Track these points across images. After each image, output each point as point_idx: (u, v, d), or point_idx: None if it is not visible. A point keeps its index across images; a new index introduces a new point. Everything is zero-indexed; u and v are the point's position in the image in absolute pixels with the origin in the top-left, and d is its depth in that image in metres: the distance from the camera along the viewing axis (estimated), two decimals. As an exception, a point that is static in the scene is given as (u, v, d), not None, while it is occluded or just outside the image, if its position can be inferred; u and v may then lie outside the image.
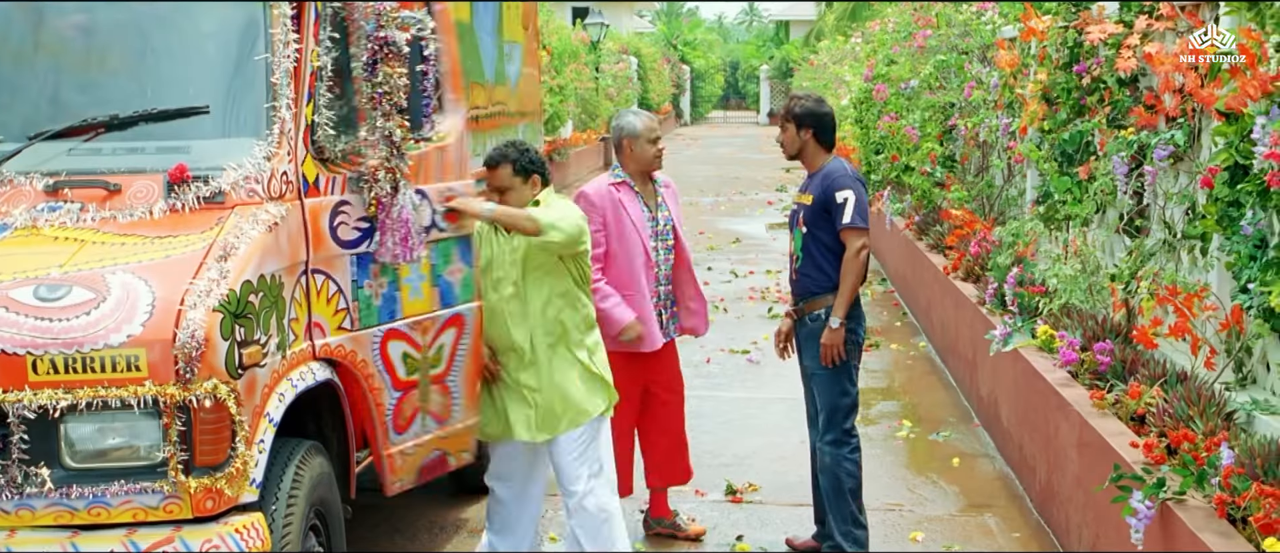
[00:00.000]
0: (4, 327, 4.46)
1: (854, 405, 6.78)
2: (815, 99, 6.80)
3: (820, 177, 6.65)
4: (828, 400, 6.71)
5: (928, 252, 12.31)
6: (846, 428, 6.72)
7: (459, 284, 6.14)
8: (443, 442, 6.14)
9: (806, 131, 6.69)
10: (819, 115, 6.72)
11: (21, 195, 5.02)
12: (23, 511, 4.56)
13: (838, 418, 6.70)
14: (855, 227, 6.51)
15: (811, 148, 6.71)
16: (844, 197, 6.51)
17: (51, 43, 5.60)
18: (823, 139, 6.73)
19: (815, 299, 6.67)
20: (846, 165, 6.74)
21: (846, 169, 6.70)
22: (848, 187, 6.54)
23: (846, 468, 6.68)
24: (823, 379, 6.71)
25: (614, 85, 34.65)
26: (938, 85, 12.62)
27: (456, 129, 6.24)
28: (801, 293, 6.78)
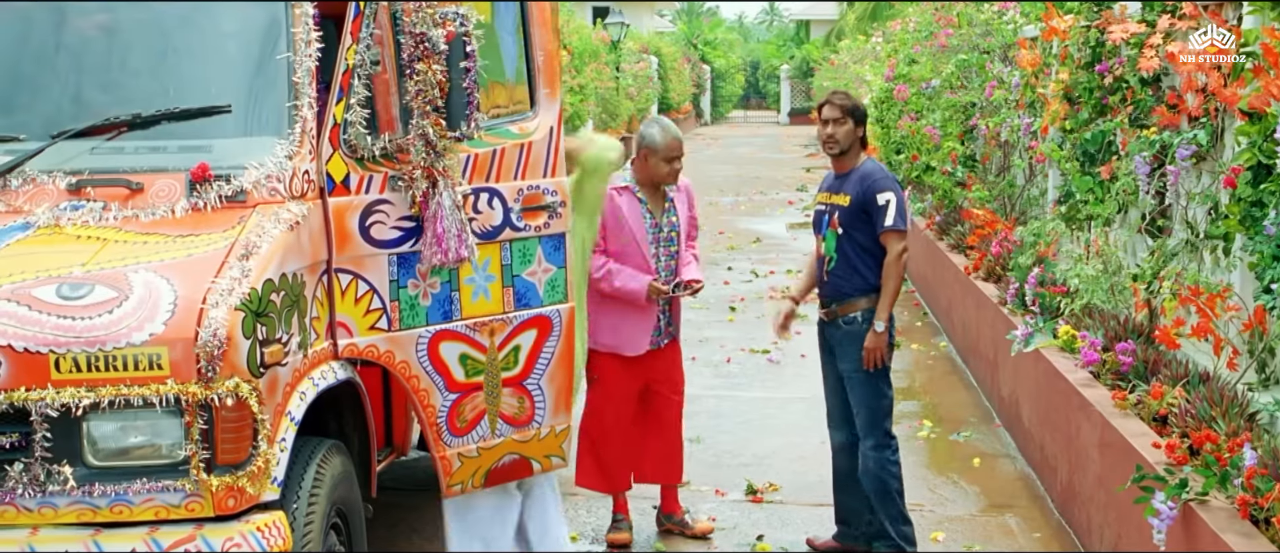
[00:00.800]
0: (27, 325, 4.48)
1: (891, 407, 6.79)
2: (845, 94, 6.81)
3: (858, 177, 6.62)
4: (867, 404, 6.70)
5: (949, 252, 12.29)
6: (887, 429, 6.72)
7: (543, 285, 6.06)
8: (521, 447, 6.10)
9: (861, 129, 6.70)
10: (864, 111, 6.77)
11: (44, 194, 5.04)
12: (45, 509, 4.57)
13: (878, 420, 6.70)
14: (897, 229, 6.51)
15: (857, 147, 6.71)
16: (886, 199, 6.49)
17: (74, 42, 5.61)
18: (864, 139, 6.76)
19: (851, 302, 6.66)
20: (883, 166, 6.75)
21: (885, 170, 6.71)
22: (889, 189, 6.54)
23: (891, 470, 6.70)
24: (860, 383, 6.69)
25: (634, 85, 34.64)
26: (959, 85, 12.60)
27: (545, 126, 6.16)
28: (835, 295, 6.75)
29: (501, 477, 6.14)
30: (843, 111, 6.65)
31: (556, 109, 6.25)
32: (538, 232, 6.03)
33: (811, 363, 11.29)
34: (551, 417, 6.18)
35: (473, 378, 5.85)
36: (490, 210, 5.84)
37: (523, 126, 6.08)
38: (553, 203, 6.08)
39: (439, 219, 5.40)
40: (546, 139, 6.14)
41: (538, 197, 6.03)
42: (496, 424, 5.97)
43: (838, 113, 6.67)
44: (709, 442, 8.81)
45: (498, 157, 5.88)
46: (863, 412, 6.72)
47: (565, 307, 6.15)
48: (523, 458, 6.15)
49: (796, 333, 12.35)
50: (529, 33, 6.24)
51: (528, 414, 6.09)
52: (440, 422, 5.77)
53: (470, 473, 5.95)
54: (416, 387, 5.66)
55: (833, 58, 37.41)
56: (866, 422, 6.70)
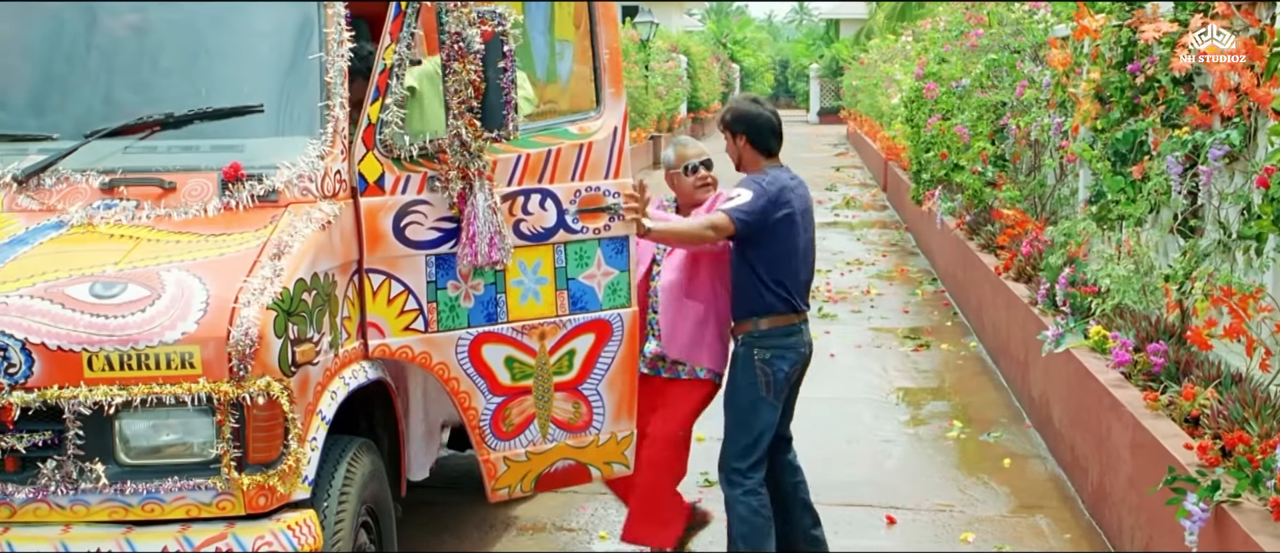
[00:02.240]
0: (60, 323, 4.50)
1: (758, 446, 6.24)
2: (750, 100, 6.40)
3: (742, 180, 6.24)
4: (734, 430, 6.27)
5: (979, 251, 12.26)
6: (742, 468, 6.23)
7: (603, 288, 6.00)
8: (577, 452, 6.06)
9: (741, 138, 6.25)
10: (747, 119, 6.27)
11: (78, 193, 5.06)
12: (78, 506, 4.59)
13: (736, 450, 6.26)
14: (728, 213, 5.98)
15: (750, 156, 6.27)
16: (736, 191, 6.07)
17: (107, 42, 5.64)
18: (758, 145, 6.27)
19: (739, 323, 6.25)
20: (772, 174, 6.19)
21: (761, 177, 6.16)
22: (747, 187, 6.08)
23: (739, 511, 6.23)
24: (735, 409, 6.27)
25: (663, 84, 34.62)
26: (989, 84, 12.55)
27: (609, 127, 6.10)
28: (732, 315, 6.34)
29: (555, 482, 6.12)
30: (722, 129, 6.34)
31: (621, 109, 6.19)
32: (597, 234, 5.96)
33: (841, 363, 11.34)
34: (612, 423, 6.12)
35: (520, 381, 5.82)
36: (542, 212, 5.79)
37: (583, 126, 6.03)
38: (615, 205, 5.98)
39: (473, 221, 5.37)
40: (609, 140, 6.06)
41: (597, 198, 5.95)
42: (548, 429, 5.94)
43: (722, 128, 6.35)
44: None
45: (552, 157, 5.84)
46: (725, 440, 6.30)
47: (628, 311, 6.07)
48: (579, 464, 6.11)
49: (826, 333, 12.43)
50: (595, 31, 6.20)
51: (584, 420, 6.04)
52: (484, 425, 5.75)
53: (518, 477, 5.93)
54: (456, 389, 5.65)
55: (862, 57, 37.30)
56: (722, 453, 6.30)
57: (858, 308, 13.94)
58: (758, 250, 6.09)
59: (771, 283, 6.12)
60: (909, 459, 8.70)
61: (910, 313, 13.79)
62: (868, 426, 9.48)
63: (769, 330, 6.16)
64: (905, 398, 10.28)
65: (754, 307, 6.16)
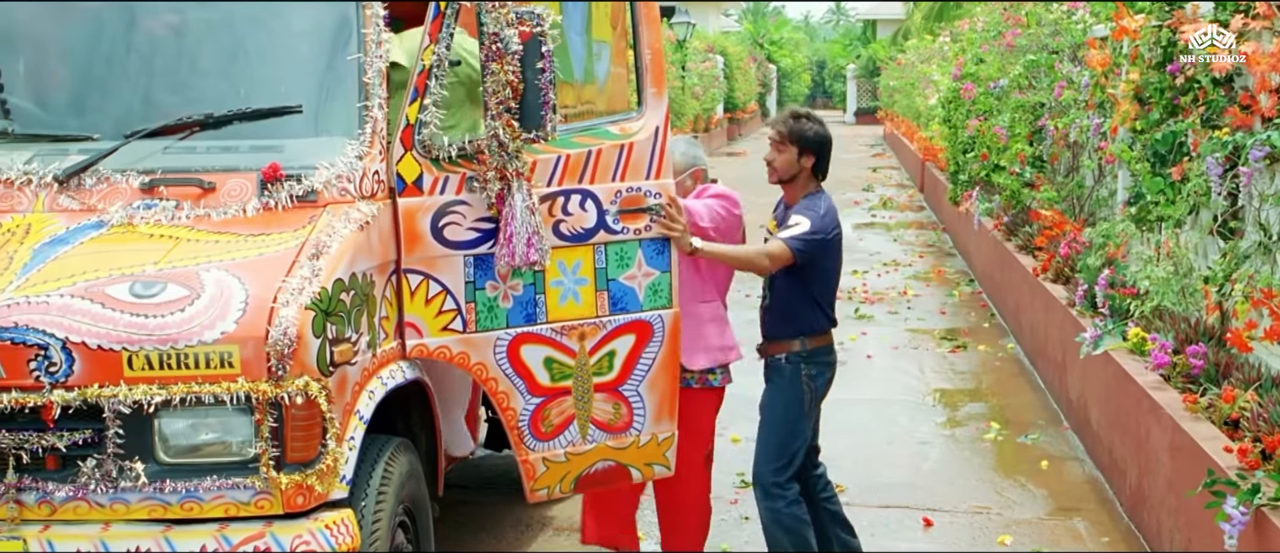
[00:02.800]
0: (100, 323, 4.52)
1: (796, 458, 6.24)
2: (821, 122, 6.29)
3: (795, 209, 6.17)
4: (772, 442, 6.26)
5: (1016, 253, 12.22)
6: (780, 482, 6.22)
7: (644, 289, 5.96)
8: (617, 453, 6.03)
9: (809, 158, 6.20)
10: (824, 143, 6.25)
11: (118, 193, 5.08)
12: (117, 505, 4.61)
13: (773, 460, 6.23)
14: (784, 240, 5.99)
15: (804, 178, 6.24)
16: (797, 220, 6.04)
17: (146, 43, 5.66)
18: (818, 169, 6.25)
19: (781, 343, 6.22)
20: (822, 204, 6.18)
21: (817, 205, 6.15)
22: (807, 216, 6.05)
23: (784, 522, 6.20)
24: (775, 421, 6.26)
25: (700, 84, 34.64)
26: (1027, 85, 12.51)
27: (650, 127, 6.05)
28: (767, 334, 6.31)
29: (595, 483, 6.09)
30: (781, 137, 6.20)
31: (664, 109, 6.16)
32: (638, 234, 5.94)
33: (878, 364, 11.32)
34: (652, 424, 6.08)
35: (559, 382, 5.81)
36: (582, 212, 5.78)
37: (624, 127, 6.00)
38: (656, 206, 5.94)
39: (510, 221, 5.37)
40: (651, 140, 6.02)
41: (638, 199, 5.92)
42: (588, 430, 5.93)
43: (778, 136, 6.23)
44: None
45: (593, 158, 5.83)
46: (759, 451, 6.27)
47: (669, 312, 6.03)
48: (619, 465, 6.08)
49: (862, 333, 12.40)
50: (638, 31, 6.18)
51: (624, 421, 6.02)
52: (522, 425, 5.75)
53: (558, 478, 5.92)
54: (494, 389, 5.64)
55: (899, 57, 37.23)
56: (759, 466, 6.25)
57: (894, 309, 13.92)
58: (811, 273, 6.10)
59: (822, 303, 6.18)
60: (946, 461, 8.68)
61: (947, 314, 13.76)
62: (904, 427, 9.46)
63: (816, 349, 6.20)
64: (942, 399, 10.25)
65: (803, 326, 6.17)
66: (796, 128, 6.17)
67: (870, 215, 22.49)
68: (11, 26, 5.85)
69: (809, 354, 6.19)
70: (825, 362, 6.27)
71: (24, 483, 4.61)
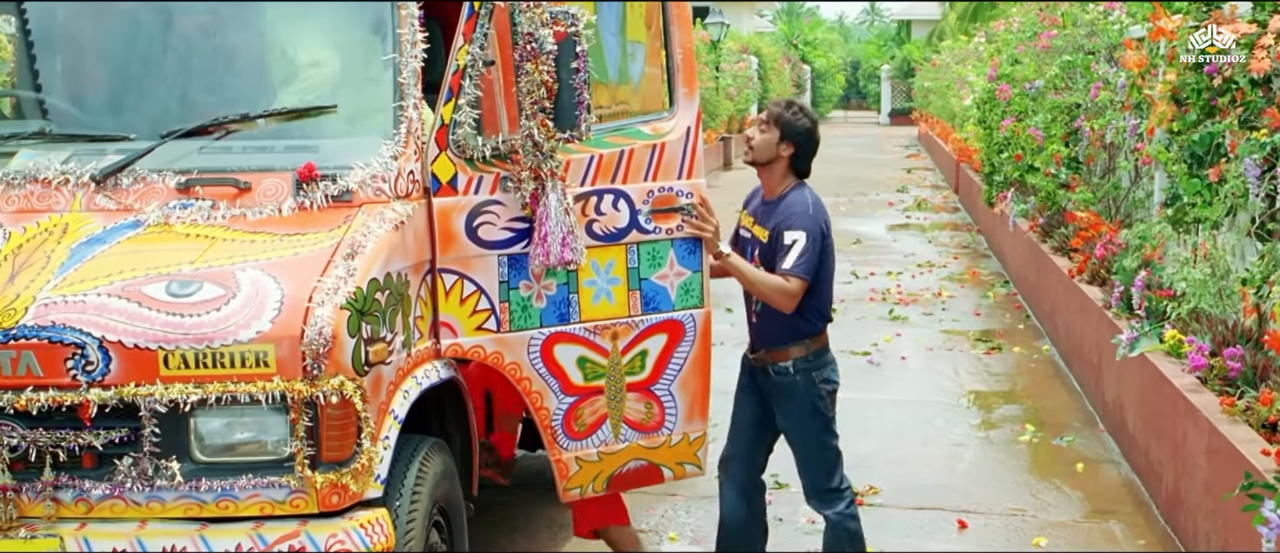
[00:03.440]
0: (136, 322, 4.54)
1: (839, 457, 6.17)
2: (813, 119, 6.09)
3: (780, 208, 5.95)
4: (812, 461, 6.14)
5: (1052, 254, 12.17)
6: (838, 486, 6.13)
7: (676, 289, 5.99)
8: (649, 453, 6.06)
9: (791, 148, 5.99)
10: (809, 136, 6.02)
11: (154, 193, 5.10)
12: (153, 503, 4.63)
13: (830, 473, 6.13)
14: (796, 275, 5.76)
15: (782, 168, 6.01)
16: (793, 239, 5.81)
17: (182, 43, 5.69)
18: (798, 163, 6.04)
19: (781, 349, 5.99)
20: (809, 198, 5.99)
21: (809, 205, 5.94)
22: (801, 227, 5.82)
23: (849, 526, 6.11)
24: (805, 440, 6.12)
25: (734, 85, 34.62)
26: (1063, 86, 12.46)
27: (682, 127, 6.08)
28: (763, 340, 6.06)
29: (627, 482, 6.12)
30: (770, 119, 5.98)
31: (695, 109, 6.16)
32: (670, 234, 5.96)
33: (912, 366, 11.30)
34: (684, 424, 6.11)
35: (592, 382, 5.83)
36: (615, 212, 5.81)
37: (656, 127, 6.02)
38: (688, 206, 5.96)
39: (545, 221, 5.38)
40: (682, 140, 6.04)
41: (670, 198, 5.95)
42: (620, 429, 5.95)
43: (765, 117, 6.02)
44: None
45: (625, 157, 5.85)
46: (805, 472, 6.15)
47: (700, 312, 6.06)
48: (651, 465, 6.11)
49: (897, 335, 12.37)
50: (669, 31, 6.19)
51: (656, 420, 6.04)
52: (555, 425, 5.76)
53: (590, 477, 5.94)
54: (528, 389, 5.66)
55: (934, 58, 37.13)
56: (809, 483, 6.13)
57: (929, 310, 13.88)
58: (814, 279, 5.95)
59: (822, 306, 6.04)
60: (981, 463, 8.65)
61: (982, 316, 13.71)
62: (939, 429, 9.43)
63: (819, 351, 6.07)
64: (977, 401, 10.22)
65: (805, 330, 6.01)
66: (785, 116, 5.98)
67: (905, 217, 22.43)
68: (50, 27, 5.89)
69: (815, 357, 6.04)
70: (830, 361, 6.14)
71: (61, 481, 4.64)
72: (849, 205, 24.25)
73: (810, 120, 6.04)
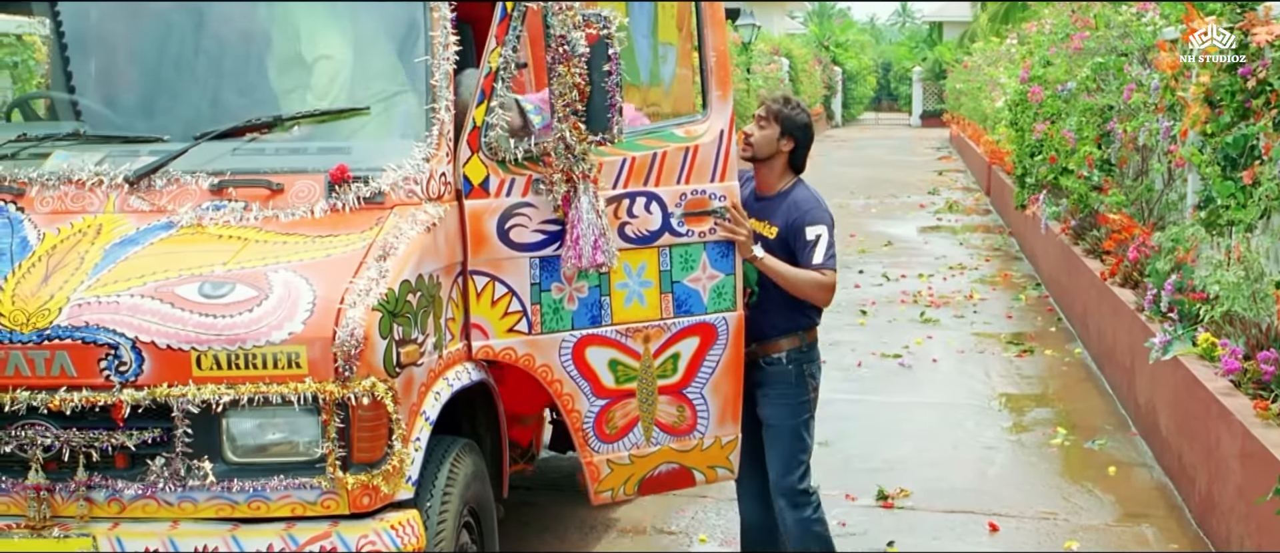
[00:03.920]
0: (169, 323, 4.56)
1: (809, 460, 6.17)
2: (809, 114, 6.13)
3: (787, 205, 6.00)
4: (784, 455, 6.12)
5: (1084, 257, 12.13)
6: (804, 487, 6.13)
7: (708, 292, 5.97)
8: (681, 456, 6.05)
9: (790, 143, 6.04)
10: (808, 131, 6.09)
11: (187, 194, 5.12)
12: (185, 503, 4.65)
13: (793, 471, 6.11)
14: (830, 267, 5.89)
15: (781, 164, 6.08)
16: (816, 233, 5.89)
17: (215, 45, 5.71)
18: (796, 158, 6.10)
19: (774, 340, 6.04)
20: (815, 193, 6.08)
21: (818, 199, 6.04)
22: (821, 221, 5.92)
23: (815, 530, 6.12)
24: (783, 432, 6.11)
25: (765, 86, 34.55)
26: (1095, 88, 12.42)
27: (715, 129, 6.04)
28: (757, 333, 6.07)
29: (658, 485, 6.11)
30: (769, 115, 6.02)
31: (728, 112, 6.14)
32: (702, 237, 5.94)
33: (944, 368, 11.27)
34: (716, 427, 6.09)
35: (624, 384, 5.82)
36: (647, 214, 5.79)
37: (689, 129, 6.01)
38: (721, 208, 5.94)
39: (577, 223, 5.38)
40: (716, 143, 6.01)
41: (703, 201, 5.93)
42: (652, 432, 5.94)
43: (763, 113, 6.05)
44: (839, 446, 8.78)
45: (658, 160, 5.83)
46: (778, 464, 6.12)
47: (733, 314, 6.03)
48: (683, 468, 6.09)
49: (928, 337, 12.35)
50: (702, 33, 6.16)
51: (688, 423, 6.03)
52: (587, 427, 5.76)
53: (621, 480, 5.93)
54: (559, 391, 5.66)
55: (965, 60, 37.02)
56: (779, 476, 6.12)
57: (960, 313, 13.84)
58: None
59: None
60: (1012, 466, 8.63)
61: (1014, 318, 13.67)
62: (970, 432, 9.41)
63: (811, 344, 6.10)
64: (1008, 404, 10.19)
65: (800, 322, 6.04)
66: (784, 111, 6.02)
67: (936, 219, 22.38)
68: (83, 29, 5.92)
69: (807, 349, 6.08)
70: (818, 356, 6.18)
71: (94, 481, 4.66)
72: (880, 207, 24.21)
73: (807, 115, 6.09)
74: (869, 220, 21.95)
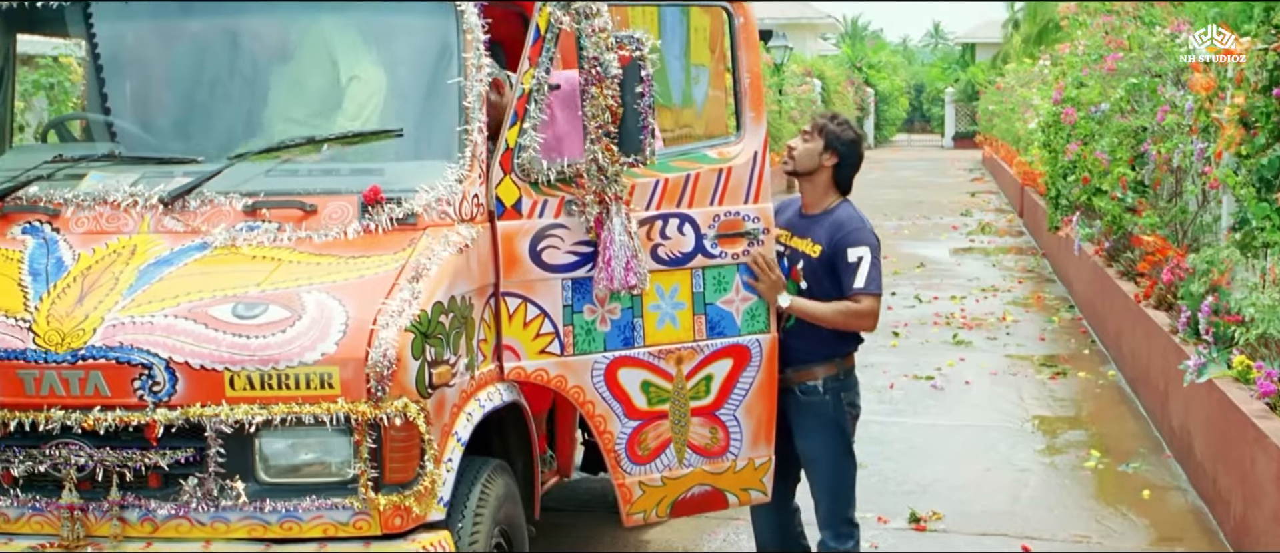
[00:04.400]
0: (203, 343, 4.57)
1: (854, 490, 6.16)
2: (857, 132, 6.08)
3: (831, 224, 5.93)
4: (830, 488, 6.10)
5: (1117, 279, 12.08)
6: (850, 517, 6.12)
7: (741, 313, 5.96)
8: (714, 478, 6.03)
9: (834, 158, 5.98)
10: (853, 148, 6.02)
11: (221, 215, 5.14)
12: (218, 523, 4.66)
13: (841, 507, 6.11)
14: (871, 292, 5.80)
15: (825, 180, 6.02)
16: (858, 255, 5.82)
17: (249, 67, 5.73)
18: (841, 176, 6.03)
19: (808, 368, 6.00)
20: (861, 215, 6.01)
21: (863, 220, 5.97)
22: (865, 243, 5.85)
23: None
24: (825, 465, 6.09)
25: (797, 108, 34.55)
26: (1129, 109, 12.38)
27: (748, 151, 6.03)
28: (791, 358, 6.02)
29: (691, 508, 6.09)
30: (814, 129, 5.99)
31: (762, 133, 6.12)
32: (736, 259, 5.94)
33: (976, 390, 11.23)
34: (749, 449, 6.07)
35: (656, 406, 5.81)
36: (680, 236, 5.79)
37: (722, 151, 6.00)
38: (754, 230, 5.94)
39: (609, 245, 5.39)
40: (749, 164, 6.00)
41: (737, 223, 5.92)
42: (685, 454, 5.93)
43: (809, 127, 6.04)
44: (872, 468, 8.75)
45: (691, 182, 5.83)
46: (825, 496, 6.11)
47: (766, 337, 6.01)
48: (715, 490, 6.07)
49: (961, 359, 12.31)
50: (736, 55, 6.14)
51: (721, 445, 6.01)
52: (619, 449, 5.76)
53: (654, 502, 5.92)
54: (592, 412, 5.66)
55: (998, 81, 36.97)
56: (828, 510, 6.10)
57: (993, 335, 13.80)
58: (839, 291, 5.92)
59: None
60: (1045, 489, 8.59)
61: (1047, 340, 13.62)
62: (1003, 454, 9.37)
63: (849, 371, 6.06)
64: (1041, 427, 10.15)
65: (838, 348, 6.01)
66: (830, 126, 5.98)
67: (969, 240, 22.32)
68: (119, 51, 5.95)
69: (845, 377, 6.03)
70: (856, 383, 6.12)
71: (127, 501, 4.67)
72: (912, 229, 24.17)
73: (855, 133, 6.04)
74: (901, 242, 21.91)
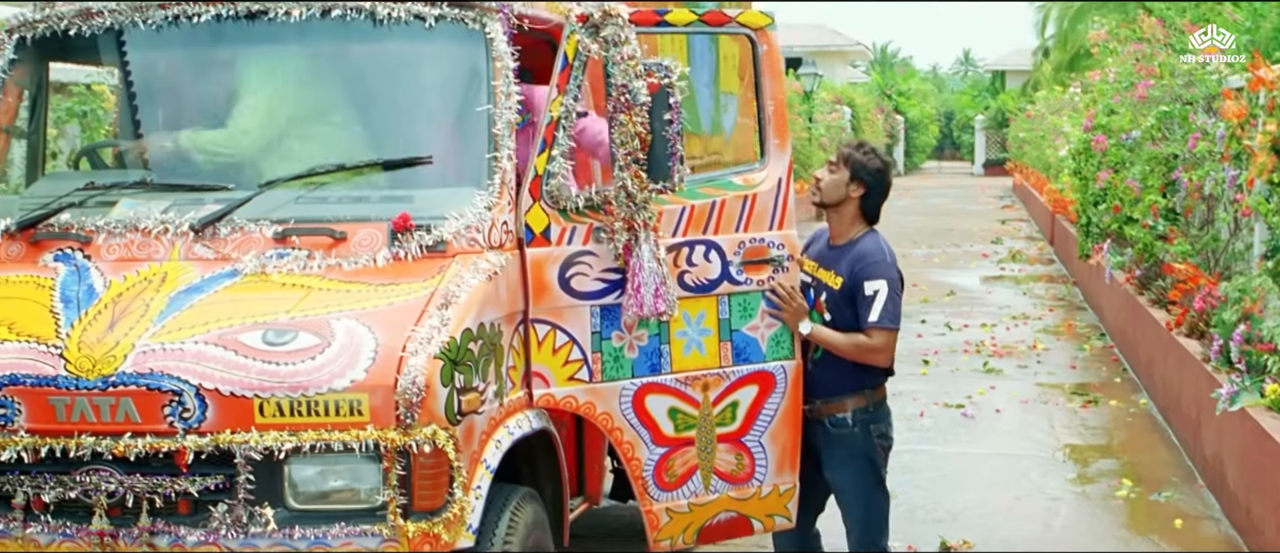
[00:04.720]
0: (233, 370, 4.58)
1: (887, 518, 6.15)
2: (884, 160, 6.04)
3: (853, 255, 5.92)
4: (861, 518, 6.09)
5: (1149, 307, 12.03)
6: (884, 547, 6.11)
7: (766, 340, 5.97)
8: (739, 504, 6.03)
9: (861, 189, 5.98)
10: (880, 177, 6.00)
11: (251, 242, 5.15)
12: (247, 549, 4.65)
13: (875, 537, 6.08)
14: (883, 328, 5.81)
15: (851, 211, 6.01)
16: (874, 288, 5.80)
17: (279, 94, 5.75)
18: (868, 206, 6.01)
19: (838, 400, 5.98)
20: (884, 245, 5.96)
21: (885, 253, 5.92)
22: (882, 276, 5.81)
23: None
24: (855, 496, 6.09)
25: (827, 135, 34.55)
26: (1160, 136, 12.34)
27: (773, 177, 6.05)
28: (819, 389, 6.03)
29: (717, 535, 6.10)
30: (840, 159, 5.99)
31: (786, 160, 6.14)
32: (761, 286, 5.95)
33: (1007, 418, 11.18)
34: (774, 475, 6.07)
35: (683, 432, 5.82)
36: (706, 263, 5.80)
37: (748, 178, 6.01)
38: (779, 257, 5.96)
39: (638, 271, 5.39)
40: (774, 191, 6.02)
41: (762, 250, 5.94)
42: (711, 480, 5.93)
43: (835, 157, 6.03)
44: (902, 497, 8.70)
45: (717, 208, 5.85)
46: (857, 528, 6.10)
47: (791, 363, 6.02)
48: (741, 516, 6.07)
49: (991, 387, 12.27)
50: (760, 83, 6.15)
51: (747, 472, 6.01)
52: (646, 475, 5.76)
53: (681, 529, 5.92)
54: (620, 439, 5.66)
55: (1028, 108, 36.91)
56: (859, 540, 6.09)
57: (1024, 363, 13.75)
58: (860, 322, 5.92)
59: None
60: (1077, 518, 8.54)
61: (1078, 369, 13.57)
62: (1034, 483, 9.33)
63: (879, 402, 6.03)
64: (1073, 455, 10.10)
65: (866, 380, 5.98)
66: (856, 156, 5.97)
67: (999, 268, 22.26)
68: (150, 79, 5.99)
69: (875, 409, 6.00)
70: (888, 414, 6.09)
71: (157, 527, 4.67)
72: (943, 257, 24.11)
73: (882, 161, 6.02)
74: (931, 270, 21.86)
